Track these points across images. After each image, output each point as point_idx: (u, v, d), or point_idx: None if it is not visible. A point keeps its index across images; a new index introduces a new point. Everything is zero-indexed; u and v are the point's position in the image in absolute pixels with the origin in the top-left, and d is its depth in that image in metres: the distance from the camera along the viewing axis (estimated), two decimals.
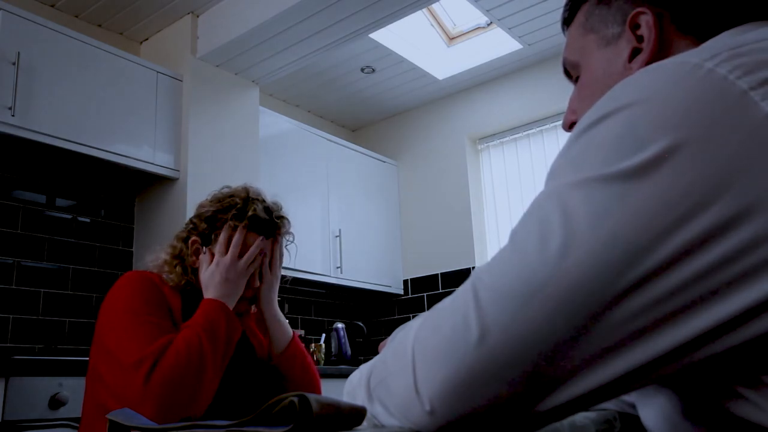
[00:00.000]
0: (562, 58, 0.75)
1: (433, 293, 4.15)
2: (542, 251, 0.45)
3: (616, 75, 0.65)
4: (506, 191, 4.06)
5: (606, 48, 0.67)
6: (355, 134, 4.78)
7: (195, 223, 1.41)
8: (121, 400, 1.17)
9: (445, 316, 0.48)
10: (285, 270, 1.50)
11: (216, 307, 1.29)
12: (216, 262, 1.34)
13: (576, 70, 0.72)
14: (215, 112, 3.20)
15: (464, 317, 0.46)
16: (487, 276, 0.47)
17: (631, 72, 0.63)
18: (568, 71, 0.75)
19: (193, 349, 1.19)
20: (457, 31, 3.96)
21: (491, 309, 0.45)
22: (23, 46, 2.52)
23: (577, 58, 0.72)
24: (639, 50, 0.64)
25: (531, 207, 0.49)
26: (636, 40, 0.64)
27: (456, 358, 0.45)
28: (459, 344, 0.45)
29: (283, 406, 0.44)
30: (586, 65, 0.70)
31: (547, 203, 0.47)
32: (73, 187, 2.99)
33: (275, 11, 2.84)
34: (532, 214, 0.48)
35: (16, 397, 2.00)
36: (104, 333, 1.26)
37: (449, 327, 0.46)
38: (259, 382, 1.39)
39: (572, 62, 0.73)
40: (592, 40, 0.69)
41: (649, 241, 0.42)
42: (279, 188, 3.52)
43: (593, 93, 0.67)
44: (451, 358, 0.45)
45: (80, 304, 2.91)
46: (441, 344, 0.46)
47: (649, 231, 0.43)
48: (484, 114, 4.17)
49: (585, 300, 0.43)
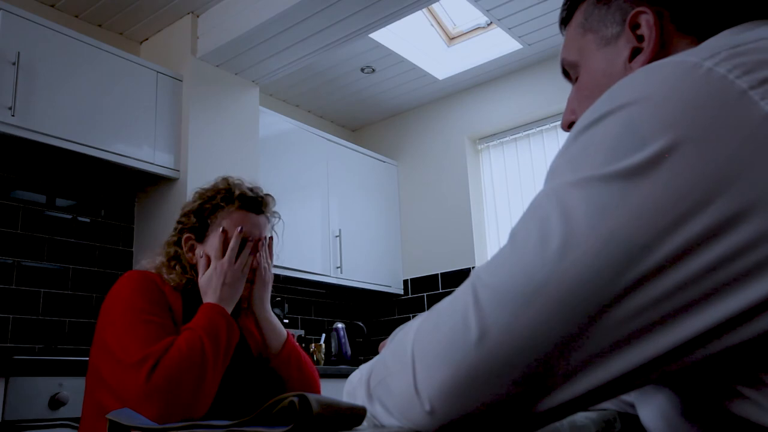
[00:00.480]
0: (561, 58, 0.75)
1: (433, 293, 4.15)
2: (542, 251, 0.45)
3: (616, 75, 0.64)
4: (506, 191, 4.06)
5: (605, 48, 0.67)
6: (355, 134, 4.78)
7: (183, 222, 1.43)
8: (121, 399, 1.17)
9: (445, 316, 0.48)
10: (285, 270, 1.50)
11: (216, 312, 1.29)
12: (213, 266, 1.35)
13: (575, 70, 0.72)
14: (215, 112, 3.20)
15: (464, 317, 0.46)
16: (487, 276, 0.47)
17: (630, 72, 0.62)
18: (566, 71, 0.75)
19: (195, 351, 1.20)
20: (457, 31, 3.96)
21: (491, 309, 0.45)
22: (23, 46, 2.52)
23: (575, 58, 0.71)
24: (639, 50, 0.63)
25: (530, 206, 0.49)
26: (636, 40, 0.64)
27: (456, 358, 0.45)
28: (459, 344, 0.45)
29: (282, 406, 0.44)
30: (585, 65, 0.70)
31: (546, 203, 0.47)
32: (73, 187, 2.99)
33: (275, 11, 2.84)
34: (532, 214, 0.48)
35: (16, 397, 2.00)
36: (105, 332, 1.26)
37: (449, 327, 0.46)
38: (258, 381, 1.39)
39: (571, 62, 0.72)
40: (590, 40, 0.69)
41: (650, 240, 0.42)
42: (279, 188, 3.52)
43: (592, 93, 0.67)
44: (450, 358, 0.45)
45: (80, 304, 2.91)
46: (441, 344, 0.46)
47: (650, 230, 0.43)
48: (484, 114, 4.17)
49: (585, 299, 0.43)
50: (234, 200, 1.40)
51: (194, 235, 1.41)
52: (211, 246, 1.38)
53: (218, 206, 1.40)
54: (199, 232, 1.41)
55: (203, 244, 1.40)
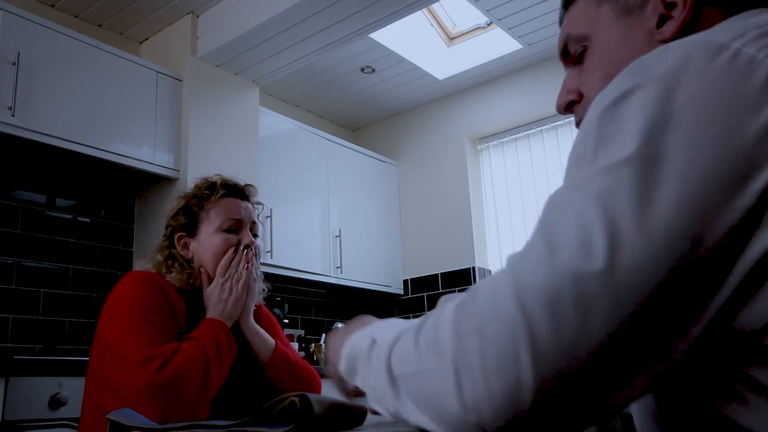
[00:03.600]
0: (564, 34, 0.70)
1: (432, 293, 4.15)
2: (588, 255, 0.43)
3: (638, 45, 0.62)
4: (506, 191, 4.06)
5: (627, 17, 0.64)
6: (355, 134, 4.78)
7: (172, 224, 1.46)
8: (122, 398, 1.17)
9: (488, 322, 0.45)
10: (285, 270, 1.52)
11: (218, 328, 1.32)
12: (216, 282, 1.38)
13: (582, 42, 0.68)
14: (215, 112, 3.20)
15: (512, 329, 0.43)
16: (529, 277, 0.44)
17: (657, 39, 0.61)
18: (566, 51, 0.71)
19: (200, 357, 1.23)
20: (457, 31, 3.96)
21: (541, 315, 0.43)
22: (23, 46, 2.52)
23: (586, 31, 0.68)
24: (666, 18, 0.61)
25: (560, 201, 0.47)
26: (664, 7, 0.62)
27: (510, 374, 0.42)
28: (511, 359, 0.43)
29: (283, 406, 0.44)
30: (598, 36, 0.67)
31: (581, 198, 0.45)
32: (73, 187, 2.99)
33: (275, 11, 2.84)
34: (567, 209, 0.46)
35: (16, 397, 2.00)
36: (107, 331, 1.26)
37: (498, 338, 0.43)
38: (258, 382, 1.40)
39: (579, 36, 0.68)
40: (607, 11, 0.66)
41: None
42: (279, 188, 3.53)
43: (608, 66, 0.65)
44: (503, 373, 0.43)
45: (80, 304, 2.91)
46: (489, 356, 0.43)
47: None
48: (484, 114, 4.17)
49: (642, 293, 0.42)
50: (218, 189, 1.45)
51: (186, 232, 1.44)
52: (204, 236, 1.42)
53: (203, 197, 1.44)
54: (190, 228, 1.44)
55: (196, 238, 1.43)
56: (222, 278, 1.38)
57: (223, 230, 1.41)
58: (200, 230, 1.43)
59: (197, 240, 1.43)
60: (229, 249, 1.40)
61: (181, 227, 1.44)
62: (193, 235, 1.43)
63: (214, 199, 1.43)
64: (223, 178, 1.49)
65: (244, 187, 1.50)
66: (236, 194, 1.47)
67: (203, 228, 1.43)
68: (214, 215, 1.42)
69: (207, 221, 1.42)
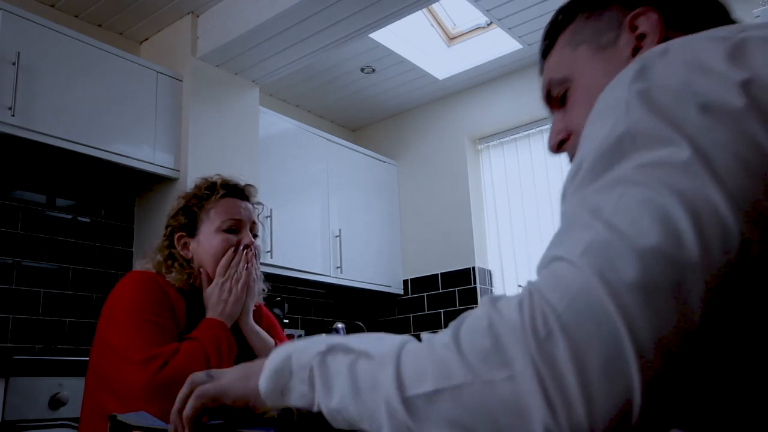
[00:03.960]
0: (546, 80, 0.73)
1: (432, 293, 4.15)
2: (678, 241, 0.41)
3: (617, 72, 0.64)
4: (506, 191, 4.06)
5: (602, 52, 0.68)
6: (355, 134, 4.78)
7: (172, 224, 1.46)
8: (122, 398, 1.18)
9: (578, 321, 0.40)
10: (285, 270, 1.52)
11: (218, 328, 1.33)
12: (216, 283, 1.38)
13: (564, 84, 0.71)
14: (215, 112, 3.20)
15: (610, 326, 0.39)
16: (613, 270, 0.41)
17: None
18: (549, 96, 0.74)
19: (200, 358, 1.23)
20: (457, 31, 3.96)
21: (639, 309, 0.40)
22: (23, 46, 2.52)
23: (567, 73, 0.71)
24: (638, 48, 0.65)
25: (614, 196, 0.44)
26: (636, 39, 0.65)
27: (617, 381, 0.39)
28: (615, 362, 0.39)
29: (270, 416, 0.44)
30: (578, 75, 0.70)
31: (644, 190, 0.43)
32: (73, 187, 2.99)
33: (275, 11, 2.84)
34: (629, 199, 0.43)
35: (16, 397, 2.01)
36: (108, 331, 1.27)
37: (596, 339, 0.39)
38: None
39: (560, 79, 0.72)
40: (583, 51, 0.70)
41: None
42: (279, 188, 3.53)
43: (590, 96, 0.66)
44: (610, 381, 0.39)
45: (80, 304, 2.91)
46: (588, 361, 0.39)
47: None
48: (484, 114, 4.17)
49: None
50: (218, 189, 1.45)
51: (186, 232, 1.44)
52: (204, 236, 1.42)
53: (203, 197, 1.44)
54: (190, 228, 1.44)
55: (196, 238, 1.43)
56: (222, 278, 1.38)
57: (223, 230, 1.42)
58: (200, 230, 1.43)
59: (197, 240, 1.43)
60: (229, 249, 1.40)
61: (181, 227, 1.44)
62: (193, 235, 1.44)
63: (214, 199, 1.43)
64: (223, 178, 1.49)
65: (244, 187, 1.50)
66: (236, 194, 1.47)
67: (203, 228, 1.43)
68: (214, 215, 1.42)
69: (207, 221, 1.43)
